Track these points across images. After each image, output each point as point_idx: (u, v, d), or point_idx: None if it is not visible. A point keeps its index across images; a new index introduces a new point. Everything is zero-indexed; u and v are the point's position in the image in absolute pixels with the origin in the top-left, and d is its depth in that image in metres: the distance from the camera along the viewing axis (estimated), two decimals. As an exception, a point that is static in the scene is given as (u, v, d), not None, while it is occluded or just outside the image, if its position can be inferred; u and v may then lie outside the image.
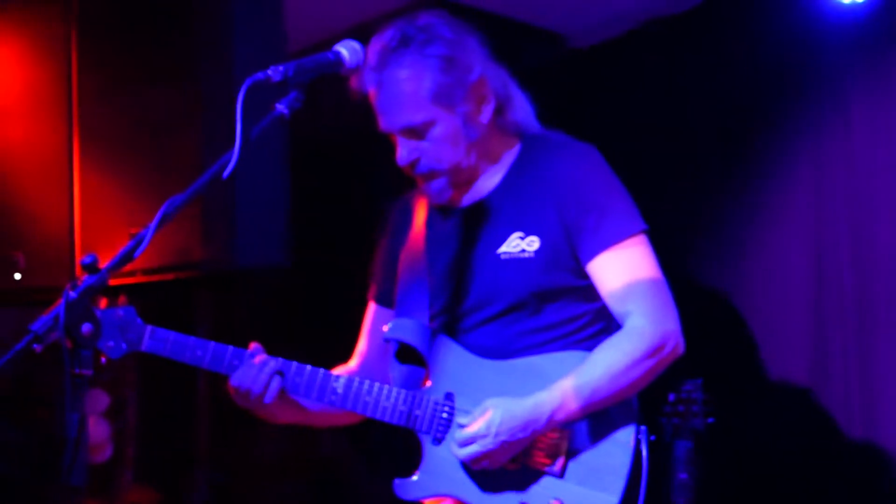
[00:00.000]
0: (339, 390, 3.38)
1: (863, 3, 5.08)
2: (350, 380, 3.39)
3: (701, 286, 5.62)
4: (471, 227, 3.50)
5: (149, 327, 3.37)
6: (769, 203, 5.46)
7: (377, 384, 3.38)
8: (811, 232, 5.29)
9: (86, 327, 2.55)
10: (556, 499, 3.27)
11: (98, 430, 5.51)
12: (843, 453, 5.07)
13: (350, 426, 3.74)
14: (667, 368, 3.40)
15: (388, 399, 3.36)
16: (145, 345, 3.36)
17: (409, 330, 3.46)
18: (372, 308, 3.75)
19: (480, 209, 3.51)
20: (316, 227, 5.91)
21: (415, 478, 3.37)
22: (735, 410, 5.14)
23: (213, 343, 3.38)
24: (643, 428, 3.34)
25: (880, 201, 5.09)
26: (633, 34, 6.00)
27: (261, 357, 3.40)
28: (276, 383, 3.36)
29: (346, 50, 3.00)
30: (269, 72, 2.83)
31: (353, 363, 3.71)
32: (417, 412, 3.35)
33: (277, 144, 4.67)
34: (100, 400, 5.58)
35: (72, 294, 2.56)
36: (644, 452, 3.31)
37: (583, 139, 5.55)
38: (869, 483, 4.98)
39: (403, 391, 3.37)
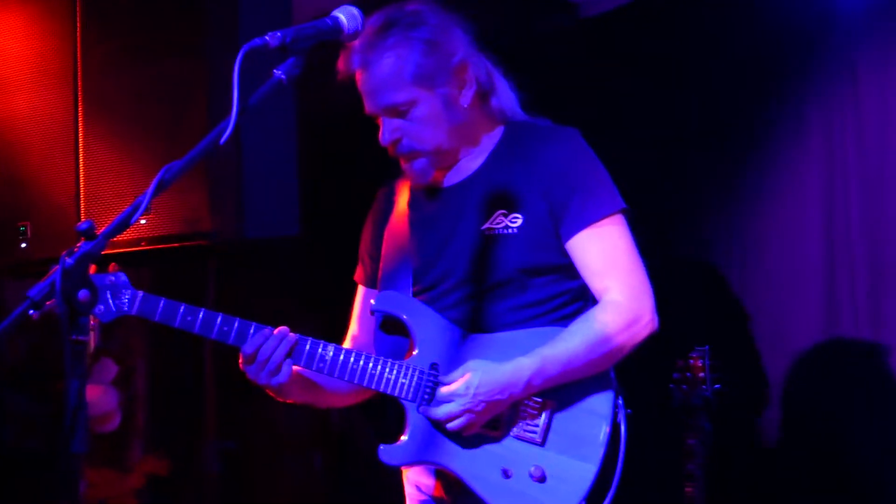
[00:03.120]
0: (328, 357, 3.43)
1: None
2: (338, 349, 3.46)
3: (710, 253, 5.62)
4: (454, 206, 3.59)
5: (140, 292, 3.39)
6: (780, 171, 5.45)
7: (364, 354, 3.45)
8: (822, 199, 5.28)
9: (82, 294, 2.54)
10: (537, 466, 3.35)
11: (107, 399, 5.53)
12: (853, 418, 5.07)
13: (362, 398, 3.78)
14: (642, 343, 3.48)
15: (374, 367, 3.43)
16: (136, 309, 3.38)
17: (394, 302, 3.54)
18: (361, 292, 3.84)
19: (464, 189, 3.59)
20: (327, 198, 5.91)
21: (399, 444, 3.43)
22: (744, 377, 5.16)
23: (203, 309, 3.41)
24: (620, 399, 3.44)
25: (891, 169, 5.08)
26: (643, 2, 5.98)
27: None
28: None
29: (344, 16, 2.98)
30: (267, 38, 2.80)
31: (346, 346, 3.73)
32: (403, 380, 3.42)
33: (286, 113, 4.67)
34: (108, 369, 5.61)
35: (68, 261, 2.55)
36: (622, 423, 3.41)
37: (593, 106, 5.56)
38: (878, 449, 4.98)
39: (390, 360, 3.44)
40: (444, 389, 3.35)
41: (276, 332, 3.41)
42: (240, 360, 3.43)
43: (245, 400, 5.85)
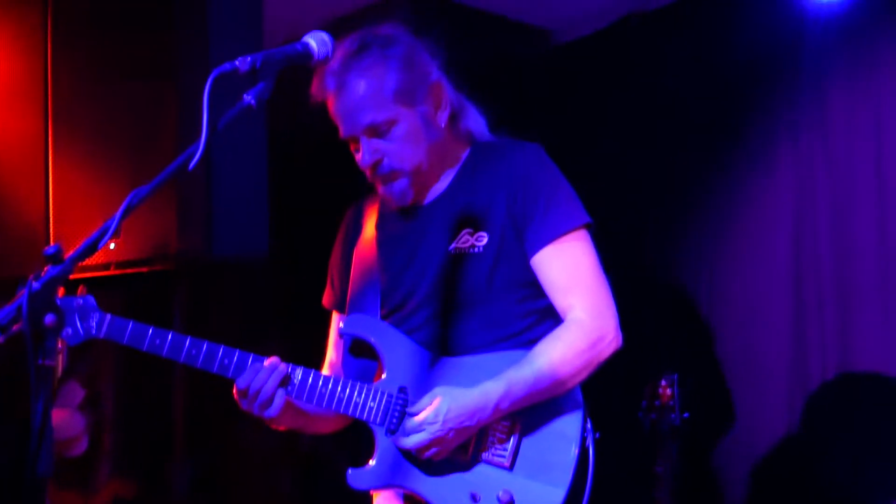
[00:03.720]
0: (296, 381, 3.41)
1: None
2: (307, 372, 3.43)
3: (680, 278, 5.63)
4: (421, 226, 3.57)
5: (108, 315, 3.37)
6: (749, 195, 5.48)
7: (333, 377, 3.43)
8: (791, 222, 5.32)
9: (49, 318, 2.53)
10: (505, 490, 3.33)
11: (73, 423, 5.49)
12: (822, 443, 5.08)
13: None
14: (607, 361, 3.45)
15: (343, 391, 3.41)
16: (104, 332, 3.36)
17: (362, 325, 3.53)
18: (336, 318, 3.80)
19: (431, 209, 3.58)
20: (297, 218, 5.91)
21: (367, 468, 3.41)
22: (712, 403, 5.17)
23: (171, 332, 3.39)
24: (589, 422, 3.41)
25: (859, 191, 5.12)
26: (615, 28, 6.02)
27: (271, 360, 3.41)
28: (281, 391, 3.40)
29: (314, 41, 2.97)
30: (237, 62, 2.79)
31: (325, 373, 3.72)
32: (371, 404, 3.40)
33: (256, 135, 4.67)
34: (75, 393, 5.57)
35: (35, 285, 2.54)
36: (590, 447, 3.39)
37: (566, 130, 5.58)
38: (846, 472, 5.00)
39: (358, 384, 3.42)
40: (414, 420, 3.32)
41: (267, 363, 3.39)
42: (233, 391, 3.40)
43: (213, 422, 5.83)
